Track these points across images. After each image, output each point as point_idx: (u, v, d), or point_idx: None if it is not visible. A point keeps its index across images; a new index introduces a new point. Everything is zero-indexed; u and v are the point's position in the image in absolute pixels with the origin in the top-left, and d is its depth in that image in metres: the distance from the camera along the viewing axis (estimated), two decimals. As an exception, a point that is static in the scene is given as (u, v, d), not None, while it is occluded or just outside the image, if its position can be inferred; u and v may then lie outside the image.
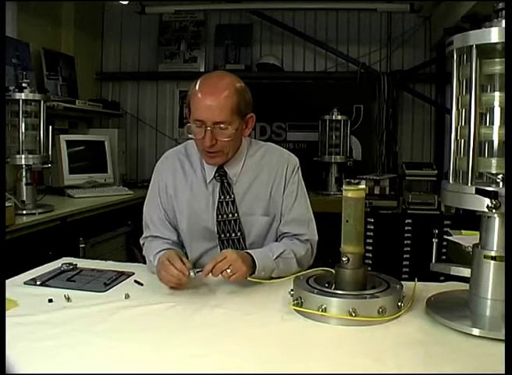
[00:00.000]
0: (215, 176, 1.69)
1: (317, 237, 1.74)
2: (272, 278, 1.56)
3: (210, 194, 1.69)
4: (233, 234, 1.68)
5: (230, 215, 1.68)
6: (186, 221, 1.71)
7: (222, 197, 1.68)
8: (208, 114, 1.54)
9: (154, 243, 1.71)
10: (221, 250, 1.68)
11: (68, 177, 3.52)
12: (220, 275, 1.44)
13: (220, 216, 1.68)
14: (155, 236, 1.73)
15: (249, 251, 1.57)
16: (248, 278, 1.48)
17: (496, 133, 1.17)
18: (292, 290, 1.32)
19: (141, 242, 1.79)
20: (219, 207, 1.68)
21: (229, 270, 1.42)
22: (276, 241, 1.73)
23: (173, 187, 1.73)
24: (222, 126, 1.55)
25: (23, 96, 2.71)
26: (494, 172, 1.17)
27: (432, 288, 1.43)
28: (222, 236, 1.69)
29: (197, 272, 1.45)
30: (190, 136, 1.63)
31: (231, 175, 1.69)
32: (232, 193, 1.68)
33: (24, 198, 2.75)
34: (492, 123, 1.18)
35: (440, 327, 1.19)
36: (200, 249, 1.72)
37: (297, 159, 1.78)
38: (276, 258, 1.58)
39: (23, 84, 2.74)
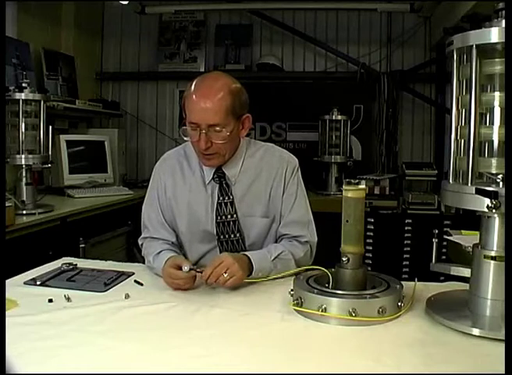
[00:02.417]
0: (213, 178, 1.69)
1: (316, 239, 1.73)
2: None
3: (209, 196, 1.69)
4: (232, 235, 1.68)
5: (229, 216, 1.67)
6: (185, 223, 1.71)
7: (221, 198, 1.68)
8: (202, 117, 1.54)
9: (154, 243, 1.71)
10: (220, 251, 1.68)
11: (68, 177, 3.52)
12: (215, 282, 1.44)
13: (219, 217, 1.67)
14: (154, 237, 1.73)
15: (246, 252, 1.58)
16: (245, 279, 1.49)
17: (496, 133, 1.17)
18: (292, 290, 1.32)
19: (140, 242, 1.79)
20: (218, 208, 1.67)
21: (225, 274, 1.42)
22: (276, 242, 1.72)
23: (172, 189, 1.72)
24: (216, 128, 1.55)
25: (23, 96, 2.71)
26: (494, 172, 1.16)
27: (432, 288, 1.43)
28: (222, 237, 1.68)
29: (190, 269, 1.45)
30: (185, 138, 1.62)
31: (230, 176, 1.69)
32: (231, 194, 1.68)
33: (24, 198, 2.75)
34: (492, 123, 1.18)
35: (440, 327, 1.19)
36: (200, 251, 1.72)
37: (297, 160, 1.77)
38: (274, 259, 1.59)
39: (23, 84, 2.74)
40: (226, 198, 1.68)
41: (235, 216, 1.67)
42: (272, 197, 1.70)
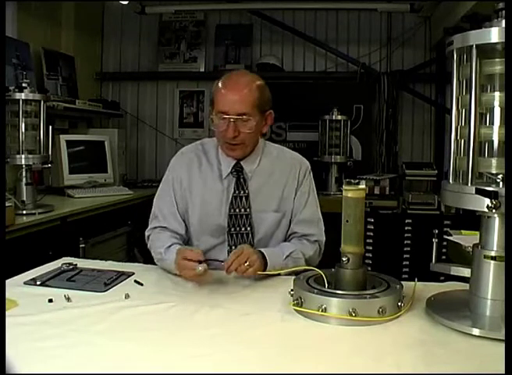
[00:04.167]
0: (231, 171, 1.74)
1: (324, 238, 1.79)
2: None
3: (225, 189, 1.74)
4: (243, 229, 1.72)
5: (243, 210, 1.72)
6: (197, 216, 1.75)
7: (237, 191, 1.73)
8: (231, 106, 1.62)
9: (162, 236, 1.73)
10: (228, 244, 1.72)
11: (68, 177, 3.52)
12: (235, 271, 1.49)
13: (232, 210, 1.72)
14: (163, 227, 1.75)
15: (261, 249, 1.62)
16: (258, 272, 1.52)
17: (496, 133, 1.17)
18: (292, 290, 1.32)
19: (147, 234, 1.80)
20: (233, 201, 1.73)
21: (246, 263, 1.48)
22: (285, 239, 1.77)
23: (188, 181, 1.77)
24: (244, 117, 1.63)
25: (23, 96, 2.71)
26: (494, 172, 1.16)
27: (432, 288, 1.43)
28: (232, 230, 1.72)
29: (200, 268, 1.45)
30: (213, 128, 1.70)
31: (247, 171, 1.75)
32: (247, 188, 1.74)
33: (24, 198, 2.75)
34: (492, 123, 1.18)
35: (440, 327, 1.19)
36: (208, 244, 1.74)
37: (308, 162, 1.86)
38: (286, 257, 1.64)
39: (23, 84, 2.74)
40: (242, 192, 1.73)
41: (248, 210, 1.73)
42: (284, 195, 1.76)
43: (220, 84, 1.67)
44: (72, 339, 1.12)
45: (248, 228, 1.72)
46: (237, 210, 1.72)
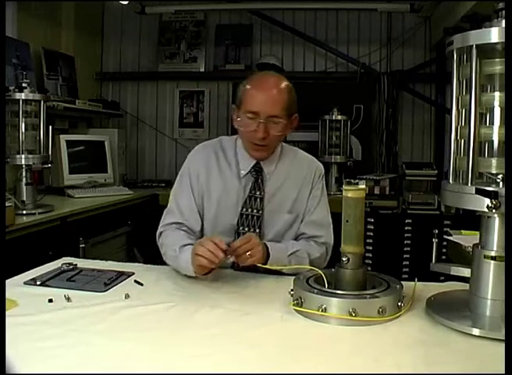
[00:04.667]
0: (250, 171, 1.73)
1: (333, 242, 1.77)
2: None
3: (242, 188, 1.73)
4: (252, 230, 1.71)
5: (255, 210, 1.72)
6: (213, 213, 1.74)
7: (253, 192, 1.73)
8: (262, 107, 1.62)
9: (178, 233, 1.69)
10: None
11: (68, 177, 3.52)
12: (236, 259, 1.50)
13: (245, 209, 1.72)
14: (180, 223, 1.72)
15: (266, 242, 1.61)
16: (258, 264, 1.52)
17: (496, 133, 1.17)
18: (292, 290, 1.32)
19: (160, 230, 1.75)
20: (247, 201, 1.72)
21: (249, 252, 1.48)
22: (294, 240, 1.76)
23: (205, 176, 1.75)
24: (275, 119, 1.63)
25: (23, 96, 2.72)
26: (494, 172, 1.17)
27: (432, 288, 1.43)
28: (241, 228, 1.72)
29: (231, 259, 1.49)
30: (240, 128, 1.69)
31: (266, 172, 1.74)
32: (264, 190, 1.73)
33: (24, 198, 2.75)
34: (492, 123, 1.18)
35: (440, 327, 1.19)
36: None
37: (323, 167, 1.87)
38: (290, 254, 1.63)
39: (23, 84, 2.75)
40: (258, 193, 1.73)
41: (260, 212, 1.72)
42: (298, 198, 1.76)
43: (251, 83, 1.67)
44: (72, 339, 1.12)
45: (257, 230, 1.71)
46: (249, 210, 1.72)
